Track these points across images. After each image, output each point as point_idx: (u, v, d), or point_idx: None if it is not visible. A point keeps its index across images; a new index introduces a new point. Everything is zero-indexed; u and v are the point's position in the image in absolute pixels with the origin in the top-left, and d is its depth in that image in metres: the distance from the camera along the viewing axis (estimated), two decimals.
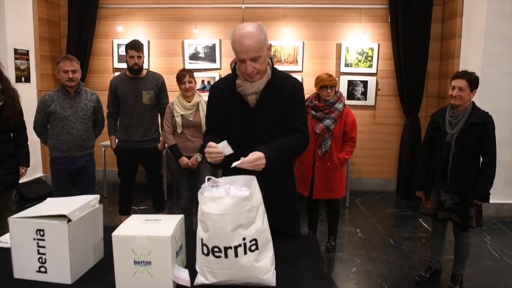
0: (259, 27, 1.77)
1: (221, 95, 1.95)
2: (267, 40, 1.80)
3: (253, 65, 1.77)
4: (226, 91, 1.93)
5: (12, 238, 1.51)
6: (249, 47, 1.73)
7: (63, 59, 3.31)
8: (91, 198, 1.63)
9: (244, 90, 1.86)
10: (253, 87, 1.85)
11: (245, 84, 1.85)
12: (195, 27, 5.58)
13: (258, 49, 1.74)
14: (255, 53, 1.74)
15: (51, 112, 3.32)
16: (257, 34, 1.74)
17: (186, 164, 3.58)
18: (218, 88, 2.01)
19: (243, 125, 1.90)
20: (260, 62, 1.78)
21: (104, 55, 5.85)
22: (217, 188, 1.48)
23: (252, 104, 1.88)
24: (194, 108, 3.58)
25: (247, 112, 1.89)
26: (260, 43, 1.74)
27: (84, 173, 3.48)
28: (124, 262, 1.43)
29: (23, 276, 1.53)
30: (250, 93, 1.86)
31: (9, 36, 5.03)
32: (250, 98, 1.88)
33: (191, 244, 1.61)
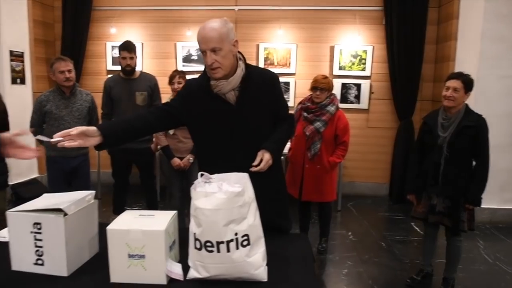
0: (223, 21, 1.82)
1: (197, 96, 1.94)
2: (230, 34, 1.81)
3: (213, 57, 1.79)
4: (201, 93, 1.92)
5: (10, 231, 1.54)
6: (209, 38, 1.76)
7: (58, 60, 3.34)
8: (87, 193, 1.67)
9: (221, 89, 1.87)
10: (230, 84, 1.86)
11: (221, 83, 1.86)
12: (188, 29, 5.62)
13: (218, 40, 1.76)
14: (215, 43, 1.76)
15: (47, 112, 3.34)
16: (219, 26, 1.78)
17: (178, 165, 3.61)
18: (193, 87, 1.98)
19: (227, 124, 1.91)
20: (222, 55, 1.79)
21: (97, 57, 5.87)
22: (210, 184, 1.51)
23: (233, 101, 1.90)
24: None
25: (229, 110, 1.90)
26: (221, 35, 1.77)
27: (79, 172, 3.52)
28: (119, 255, 1.46)
29: (20, 268, 1.56)
30: (228, 90, 1.88)
31: (5, 38, 5.04)
32: (229, 96, 1.89)
33: (183, 242, 1.65)
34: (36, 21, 5.56)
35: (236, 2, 5.55)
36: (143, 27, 5.76)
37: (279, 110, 2.05)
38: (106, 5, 5.74)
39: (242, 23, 5.52)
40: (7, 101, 3.27)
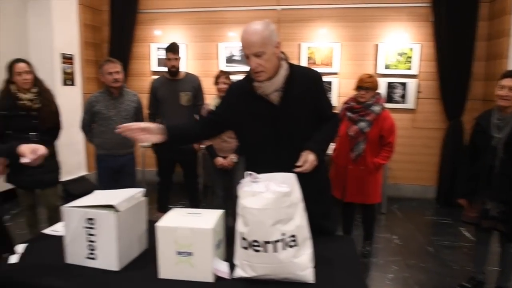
0: (265, 24, 1.79)
1: (240, 98, 1.96)
2: (273, 37, 1.80)
3: (257, 61, 1.78)
4: (245, 94, 1.94)
5: (65, 225, 1.60)
6: (252, 42, 1.75)
7: (107, 62, 3.45)
8: (137, 191, 1.71)
9: (265, 90, 1.87)
10: (273, 85, 1.86)
11: (264, 84, 1.85)
12: (230, 30, 5.67)
13: (261, 44, 1.75)
14: (258, 48, 1.75)
15: (96, 112, 3.47)
16: (261, 30, 1.76)
17: (222, 164, 3.65)
18: (236, 90, 2.02)
19: (270, 124, 1.91)
20: (265, 58, 1.78)
21: (142, 59, 6.03)
22: (257, 183, 1.51)
23: (276, 102, 1.89)
24: None
25: (272, 110, 1.90)
26: (264, 39, 1.76)
27: (126, 170, 3.63)
28: (167, 252, 1.49)
29: (74, 262, 1.62)
30: (271, 91, 1.87)
31: (56, 41, 5.28)
32: (272, 96, 1.89)
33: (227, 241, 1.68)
34: (85, 25, 5.79)
35: (278, 2, 5.53)
36: (186, 28, 5.86)
37: (323, 109, 2.03)
38: (151, 8, 5.89)
39: (284, 23, 5.50)
40: (59, 101, 3.44)
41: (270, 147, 1.91)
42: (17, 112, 3.10)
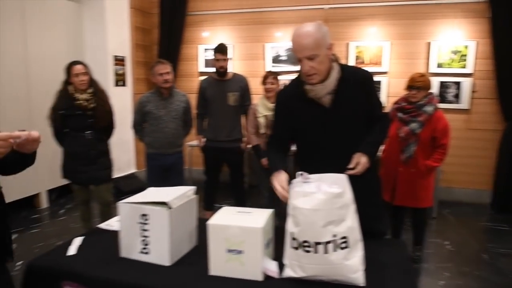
0: (317, 26, 1.74)
1: (290, 103, 1.93)
2: (326, 39, 1.75)
3: (310, 64, 1.74)
4: (295, 98, 1.91)
5: (121, 220, 1.66)
6: (304, 45, 1.71)
7: (158, 63, 3.55)
8: (188, 188, 1.75)
9: (317, 93, 1.83)
10: (326, 88, 1.82)
11: (316, 87, 1.82)
12: (277, 30, 5.67)
13: (314, 47, 1.71)
14: (311, 51, 1.71)
15: (147, 112, 3.57)
16: (314, 32, 1.71)
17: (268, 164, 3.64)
18: (285, 96, 2.00)
19: (321, 127, 1.89)
20: (318, 61, 1.74)
21: (190, 60, 6.16)
22: (308, 184, 1.49)
23: (328, 104, 1.86)
24: None
25: (323, 113, 1.87)
26: (317, 41, 1.71)
27: (175, 169, 3.72)
28: (218, 249, 1.51)
29: (127, 256, 1.68)
30: (324, 94, 1.83)
31: (109, 44, 5.51)
32: (324, 99, 1.86)
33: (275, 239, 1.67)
34: (136, 27, 6.00)
35: (326, 1, 5.46)
36: (233, 29, 5.92)
37: (373, 109, 1.99)
38: (199, 10, 6.00)
39: (332, 22, 5.42)
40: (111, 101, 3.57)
41: (321, 149, 1.89)
42: (74, 111, 3.26)
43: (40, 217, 4.69)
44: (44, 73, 4.84)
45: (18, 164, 1.54)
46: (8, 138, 1.32)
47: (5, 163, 1.45)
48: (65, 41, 5.25)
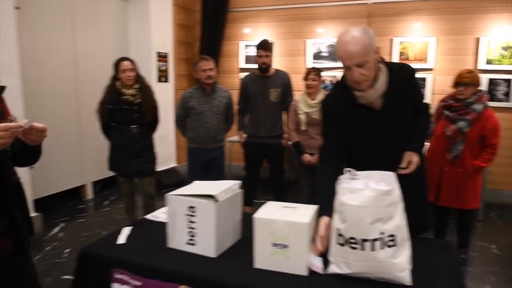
0: (364, 31, 1.68)
1: (339, 111, 1.88)
2: (373, 43, 1.69)
3: (360, 71, 1.68)
4: (343, 105, 1.86)
5: (169, 212, 1.71)
6: (353, 53, 1.65)
7: (201, 59, 3.61)
8: (234, 183, 1.77)
9: (369, 98, 1.78)
10: (377, 92, 1.77)
11: (367, 93, 1.76)
12: (319, 26, 5.62)
13: (363, 54, 1.65)
14: (360, 58, 1.65)
15: (190, 107, 3.65)
16: (361, 38, 1.65)
17: (309, 161, 3.64)
18: (332, 105, 1.93)
19: (373, 130, 1.85)
20: (368, 67, 1.68)
21: (231, 56, 6.21)
22: (355, 181, 1.48)
23: (378, 107, 1.82)
24: (318, 106, 3.62)
25: (375, 116, 1.83)
26: (365, 47, 1.65)
27: (216, 163, 3.78)
28: (264, 243, 1.52)
29: (174, 246, 1.73)
30: (375, 98, 1.79)
31: (153, 41, 5.65)
32: (375, 103, 1.82)
33: None
34: (179, 24, 6.12)
35: None
36: (274, 26, 5.92)
37: (418, 103, 1.97)
38: (240, 6, 6.04)
39: (375, 17, 5.32)
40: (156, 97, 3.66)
41: (372, 152, 1.86)
42: (121, 106, 3.37)
43: (86, 208, 4.89)
44: (92, 69, 5.04)
45: (26, 156, 1.52)
46: (8, 128, 1.29)
47: (16, 154, 1.46)
48: (112, 38, 5.43)
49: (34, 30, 4.27)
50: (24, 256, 1.59)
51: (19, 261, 1.56)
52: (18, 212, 1.51)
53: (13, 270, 1.53)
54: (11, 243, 1.49)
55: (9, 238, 1.48)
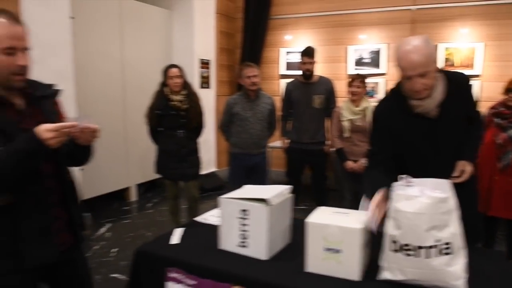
0: (426, 40, 1.68)
1: (392, 120, 1.88)
2: (435, 53, 1.70)
3: (422, 82, 1.68)
4: (397, 114, 1.86)
5: (221, 214, 1.77)
6: (417, 63, 1.65)
7: (246, 66, 3.68)
8: (285, 187, 1.81)
9: (426, 108, 1.78)
10: (435, 101, 1.76)
11: (425, 102, 1.76)
12: (360, 32, 5.59)
13: (426, 64, 1.65)
14: (423, 68, 1.65)
15: (235, 113, 3.72)
16: (424, 47, 1.65)
17: (352, 168, 3.63)
18: (385, 114, 1.93)
19: (429, 139, 1.85)
20: (429, 77, 1.68)
21: (271, 63, 6.28)
22: (411, 188, 1.49)
23: (435, 116, 1.81)
24: (362, 113, 3.60)
25: (431, 126, 1.82)
26: (428, 57, 1.65)
27: (258, 168, 3.83)
28: (316, 247, 1.55)
29: (226, 248, 1.78)
30: (433, 107, 1.78)
31: (196, 48, 5.80)
32: (432, 112, 1.81)
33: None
34: (221, 32, 6.25)
35: (414, 1, 5.29)
36: (315, 32, 5.94)
37: (471, 112, 1.96)
38: (282, 14, 6.10)
39: (420, 23, 5.24)
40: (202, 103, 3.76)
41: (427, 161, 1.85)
42: (169, 111, 3.49)
43: (130, 209, 5.06)
44: (137, 75, 5.24)
45: (78, 156, 1.59)
46: (61, 128, 1.34)
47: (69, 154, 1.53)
48: (157, 45, 5.62)
49: (87, 38, 4.49)
50: (79, 250, 1.70)
51: (76, 254, 1.67)
52: (75, 208, 1.61)
53: (72, 262, 1.64)
54: (71, 236, 1.59)
55: (69, 232, 1.58)
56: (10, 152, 1.29)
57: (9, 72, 1.35)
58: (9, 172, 1.30)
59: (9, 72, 1.35)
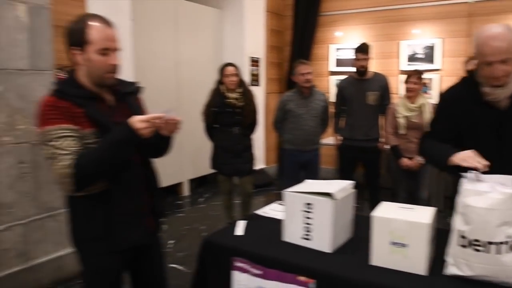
0: (508, 28, 1.68)
1: (460, 105, 1.88)
2: None
3: (503, 68, 1.67)
4: (466, 100, 1.85)
5: (286, 208, 1.83)
6: (499, 49, 1.65)
7: (300, 64, 3.72)
8: (348, 183, 1.85)
9: (498, 97, 1.76)
10: (508, 90, 1.74)
11: (497, 90, 1.74)
12: (414, 27, 5.47)
13: (508, 50, 1.65)
14: (505, 54, 1.65)
15: (288, 110, 3.78)
16: (507, 34, 1.65)
17: (407, 165, 3.58)
18: (453, 98, 1.94)
19: (495, 131, 1.82)
20: (510, 64, 1.67)
21: (321, 60, 6.27)
22: (480, 183, 1.48)
23: (504, 107, 1.79)
24: (418, 109, 3.55)
25: (499, 116, 1.80)
26: (510, 44, 1.65)
27: (311, 165, 3.87)
28: (381, 241, 1.57)
29: (290, 240, 1.85)
30: (504, 97, 1.76)
31: (247, 46, 5.91)
32: (502, 102, 1.78)
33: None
34: (271, 29, 6.32)
35: None
36: (366, 28, 5.88)
37: None
38: (332, 10, 6.08)
39: (477, 17, 5.05)
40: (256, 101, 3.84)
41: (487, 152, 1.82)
42: (225, 109, 3.60)
43: (183, 204, 5.25)
44: (190, 72, 5.43)
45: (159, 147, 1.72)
46: (152, 119, 1.46)
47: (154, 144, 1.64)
48: (209, 44, 5.78)
49: (145, 39, 4.70)
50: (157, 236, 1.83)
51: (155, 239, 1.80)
52: (157, 196, 1.74)
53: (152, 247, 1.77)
54: (153, 222, 1.72)
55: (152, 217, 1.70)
56: (110, 142, 1.43)
57: (104, 70, 1.50)
58: (109, 161, 1.44)
59: (104, 70, 1.50)
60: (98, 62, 1.48)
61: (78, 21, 1.50)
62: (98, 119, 1.48)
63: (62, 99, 1.45)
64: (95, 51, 1.47)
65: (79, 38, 1.47)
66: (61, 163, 1.39)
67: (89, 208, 1.52)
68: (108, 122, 1.50)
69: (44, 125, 1.43)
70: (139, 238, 1.63)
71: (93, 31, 1.47)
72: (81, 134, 1.45)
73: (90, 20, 1.48)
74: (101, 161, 1.42)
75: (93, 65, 1.49)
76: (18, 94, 2.83)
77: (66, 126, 1.42)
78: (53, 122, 1.42)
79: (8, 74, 2.77)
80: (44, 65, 2.99)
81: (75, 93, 1.47)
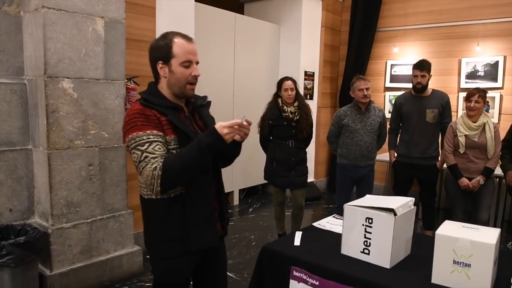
0: None
1: None
2: None
3: None
4: None
5: (346, 221, 1.87)
6: None
7: (358, 79, 3.72)
8: (409, 199, 1.86)
9: None
10: None
11: None
12: (476, 44, 5.31)
13: None
14: None
15: (344, 125, 3.78)
16: None
17: (467, 185, 3.48)
18: None
19: None
20: None
21: (377, 75, 6.21)
22: None
23: None
24: (479, 128, 3.45)
25: None
26: None
27: (365, 181, 3.84)
28: (444, 259, 1.57)
29: (348, 253, 1.88)
30: None
31: (302, 60, 5.99)
32: None
33: None
34: (326, 45, 6.36)
35: None
36: (424, 44, 5.77)
37: None
38: (389, 26, 6.03)
39: None
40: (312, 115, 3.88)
41: None
42: (281, 122, 3.67)
43: (233, 213, 5.34)
44: (246, 85, 5.57)
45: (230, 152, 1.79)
46: (234, 125, 1.54)
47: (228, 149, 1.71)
48: (265, 57, 5.92)
49: (206, 52, 4.89)
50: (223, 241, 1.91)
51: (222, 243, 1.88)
52: (225, 202, 1.83)
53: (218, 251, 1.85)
54: (221, 226, 1.80)
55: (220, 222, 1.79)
56: (199, 146, 1.52)
57: (186, 81, 1.63)
58: (196, 164, 1.55)
59: (186, 81, 1.63)
60: (180, 74, 1.61)
61: (162, 38, 1.64)
62: (180, 126, 1.60)
63: (148, 107, 1.59)
64: (179, 64, 1.60)
65: (164, 53, 1.61)
66: (151, 165, 1.50)
67: (166, 211, 1.63)
68: (189, 130, 1.62)
69: (134, 131, 1.55)
70: (212, 241, 1.72)
71: (176, 46, 1.60)
72: (166, 140, 1.57)
73: (174, 37, 1.62)
74: (189, 164, 1.52)
75: (176, 76, 1.62)
76: (92, 101, 3.06)
77: (154, 132, 1.55)
78: (142, 128, 1.54)
79: (85, 83, 3.01)
80: (116, 75, 3.21)
81: (159, 103, 1.61)
